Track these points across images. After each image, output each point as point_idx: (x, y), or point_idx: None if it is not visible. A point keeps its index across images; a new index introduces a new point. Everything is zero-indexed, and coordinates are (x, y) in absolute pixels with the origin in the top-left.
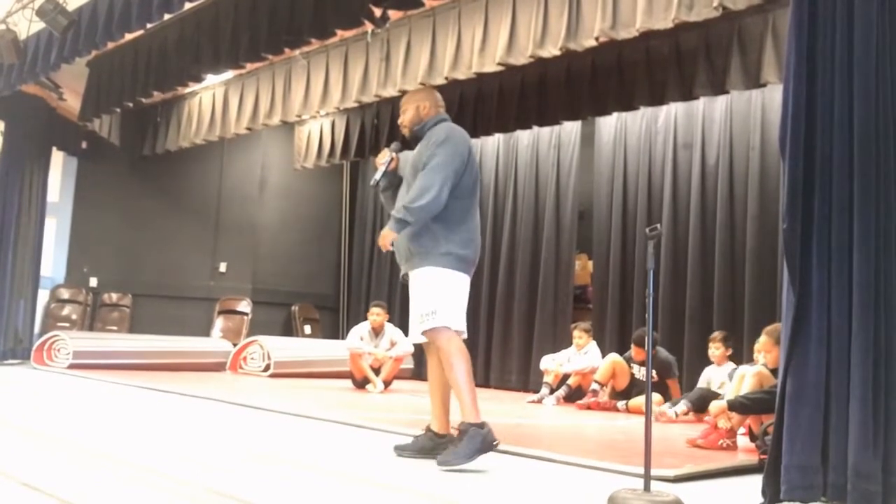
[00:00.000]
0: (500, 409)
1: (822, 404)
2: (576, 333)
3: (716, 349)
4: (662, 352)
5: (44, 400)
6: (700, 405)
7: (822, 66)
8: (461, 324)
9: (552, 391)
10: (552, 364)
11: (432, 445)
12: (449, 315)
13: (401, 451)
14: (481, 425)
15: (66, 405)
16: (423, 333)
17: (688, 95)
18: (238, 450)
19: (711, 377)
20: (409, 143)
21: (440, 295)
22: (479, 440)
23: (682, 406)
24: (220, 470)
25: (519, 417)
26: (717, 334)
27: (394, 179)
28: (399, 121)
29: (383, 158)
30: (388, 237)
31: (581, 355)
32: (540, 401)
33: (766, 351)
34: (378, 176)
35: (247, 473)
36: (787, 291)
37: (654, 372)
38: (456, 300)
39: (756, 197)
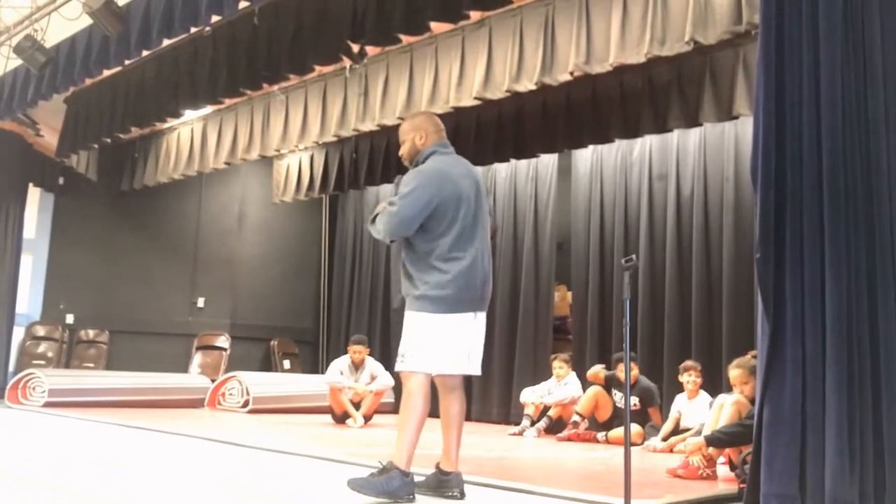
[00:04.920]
0: (482, 441)
1: (799, 433)
2: (556, 364)
3: (689, 378)
4: (645, 380)
5: (17, 439)
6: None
7: (790, 99)
8: (441, 366)
9: (533, 423)
10: (532, 396)
11: (437, 483)
12: (418, 360)
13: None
14: (406, 474)
15: (41, 444)
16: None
17: (662, 128)
18: (215, 487)
19: (683, 411)
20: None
21: (412, 340)
22: (397, 485)
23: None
24: None
25: (500, 450)
26: (691, 363)
27: None
28: (400, 152)
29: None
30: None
31: (561, 386)
32: (521, 433)
33: (742, 383)
34: None
35: None
36: (761, 321)
37: (637, 400)
38: (431, 344)
39: (731, 227)
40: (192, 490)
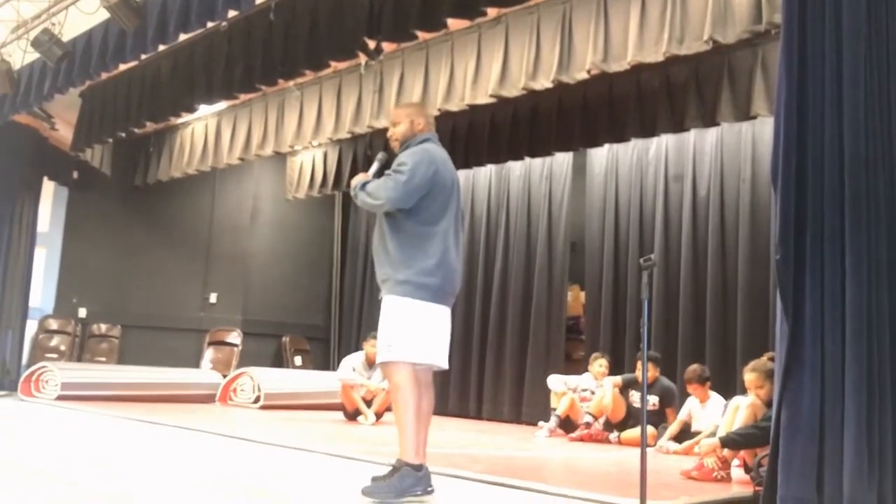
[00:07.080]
0: (492, 441)
1: (817, 435)
2: (602, 362)
3: (694, 390)
4: (664, 379)
5: (30, 432)
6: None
7: (812, 100)
8: (428, 357)
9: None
10: (560, 386)
11: None
12: (405, 349)
13: None
14: (418, 468)
15: (53, 437)
16: (380, 365)
17: (678, 127)
18: (226, 482)
19: (694, 413)
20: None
21: (396, 327)
22: (411, 481)
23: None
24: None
25: (511, 450)
26: (693, 374)
27: None
28: (389, 133)
29: (372, 168)
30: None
31: (597, 387)
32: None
33: (758, 386)
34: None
35: None
36: (780, 322)
37: (656, 399)
38: (417, 332)
39: (747, 228)
40: (194, 484)
